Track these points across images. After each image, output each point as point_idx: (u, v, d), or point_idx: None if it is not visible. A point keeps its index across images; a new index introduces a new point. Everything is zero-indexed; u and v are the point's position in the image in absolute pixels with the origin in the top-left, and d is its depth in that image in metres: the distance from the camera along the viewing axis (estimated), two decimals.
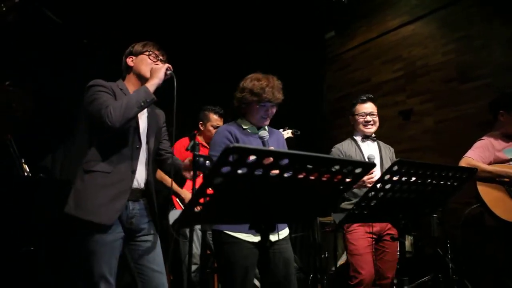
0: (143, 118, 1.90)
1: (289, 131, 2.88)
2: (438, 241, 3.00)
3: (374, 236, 2.43)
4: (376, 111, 2.75)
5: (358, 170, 1.09)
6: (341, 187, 1.15)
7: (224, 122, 3.35)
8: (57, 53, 3.44)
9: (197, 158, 1.39)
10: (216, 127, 3.25)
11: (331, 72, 5.71)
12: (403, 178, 1.34)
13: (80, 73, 3.89)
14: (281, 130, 2.73)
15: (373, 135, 2.77)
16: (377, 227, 2.43)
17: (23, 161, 2.13)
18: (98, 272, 1.66)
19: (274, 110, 2.14)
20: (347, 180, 1.12)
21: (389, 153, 2.79)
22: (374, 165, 1.06)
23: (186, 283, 2.86)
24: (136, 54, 1.95)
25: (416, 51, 4.71)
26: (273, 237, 1.99)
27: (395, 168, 1.26)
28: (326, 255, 3.71)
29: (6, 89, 2.69)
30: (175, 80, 1.82)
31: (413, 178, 1.36)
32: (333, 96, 5.63)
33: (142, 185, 1.84)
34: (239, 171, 0.88)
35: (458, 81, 4.26)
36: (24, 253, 2.26)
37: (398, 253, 3.18)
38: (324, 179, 1.07)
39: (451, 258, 3.13)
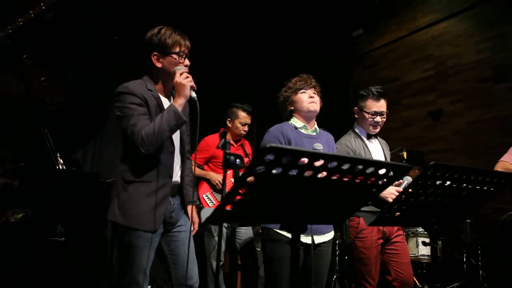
0: None
1: None
2: (470, 247, 2.90)
3: (382, 241, 2.32)
4: (386, 108, 2.48)
5: (391, 173, 1.07)
6: (374, 189, 1.13)
7: (252, 120, 3.36)
8: (90, 49, 3.54)
9: (228, 157, 1.40)
10: (244, 124, 3.25)
11: (358, 71, 5.63)
12: (438, 182, 1.30)
13: (111, 69, 4.00)
14: None
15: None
16: (385, 229, 2.31)
17: (58, 154, 2.20)
18: (138, 265, 1.71)
19: (318, 98, 2.17)
20: (380, 182, 1.10)
21: (387, 151, 2.60)
22: (410, 168, 1.04)
23: (213, 279, 2.90)
24: (164, 53, 1.79)
25: (447, 50, 4.57)
26: (320, 239, 2.02)
27: (430, 171, 1.23)
28: None
29: (41, 85, 2.78)
30: (198, 105, 1.74)
31: (448, 182, 1.32)
32: None
33: (178, 180, 1.88)
34: (274, 171, 0.88)
35: (492, 81, 4.11)
36: (54, 243, 2.34)
37: (428, 257, 3.13)
38: (358, 181, 1.06)
39: (482, 265, 3.03)
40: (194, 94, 1.72)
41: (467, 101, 4.30)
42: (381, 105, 2.44)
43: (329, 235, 2.09)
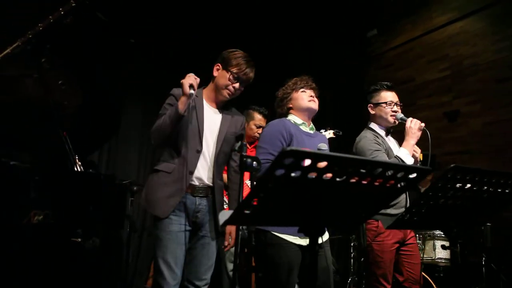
0: (215, 123, 2.02)
1: (331, 131, 2.82)
2: (490, 251, 2.84)
3: (398, 245, 2.27)
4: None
5: (412, 176, 1.06)
6: (393, 192, 1.12)
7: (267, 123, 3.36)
8: (105, 52, 3.59)
9: (245, 159, 1.40)
10: (259, 127, 3.26)
11: (372, 71, 5.57)
12: (457, 185, 1.28)
13: (125, 72, 4.05)
14: (322, 130, 2.68)
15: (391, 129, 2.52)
16: (401, 233, 2.28)
17: (76, 157, 2.25)
18: (163, 258, 1.83)
19: (317, 100, 2.18)
20: (399, 185, 1.09)
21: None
22: (430, 170, 1.02)
23: (227, 280, 2.90)
24: (223, 66, 2.02)
25: (464, 50, 4.50)
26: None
27: (450, 174, 1.21)
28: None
29: (59, 88, 2.83)
30: (193, 96, 1.87)
31: (468, 185, 1.30)
32: None
33: (208, 183, 1.99)
34: (293, 174, 0.88)
35: (510, 81, 4.02)
36: (71, 243, 2.38)
37: (445, 261, 3.07)
38: (377, 184, 1.05)
39: (502, 269, 2.96)
40: (192, 91, 1.83)
41: (484, 102, 4.22)
42: (395, 95, 2.46)
43: (325, 236, 2.05)
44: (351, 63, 5.49)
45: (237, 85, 2.02)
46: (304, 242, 1.92)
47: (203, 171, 1.96)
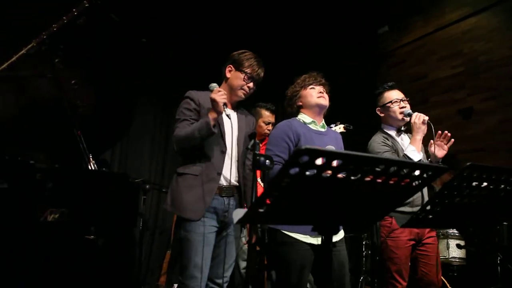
0: (233, 123, 2.05)
1: (341, 126, 2.80)
2: (506, 250, 2.79)
3: (413, 243, 2.25)
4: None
5: (427, 174, 1.05)
6: (409, 191, 1.11)
7: (276, 119, 3.36)
8: (117, 52, 3.62)
9: (258, 157, 1.40)
10: (268, 123, 3.25)
11: (384, 68, 5.51)
12: (474, 183, 1.26)
13: (137, 72, 4.08)
14: (332, 125, 2.67)
15: (404, 127, 2.49)
16: (417, 230, 2.25)
17: (90, 156, 2.27)
18: (193, 259, 1.85)
19: (327, 96, 2.18)
20: (414, 184, 1.08)
21: None
22: (446, 169, 1.01)
23: (239, 278, 2.91)
24: (236, 67, 2.07)
25: (478, 46, 4.42)
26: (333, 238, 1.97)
27: (466, 172, 1.19)
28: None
29: (72, 88, 2.86)
30: (231, 119, 1.96)
31: (485, 183, 1.28)
32: None
33: (234, 182, 2.03)
34: (308, 173, 0.88)
35: None
36: (85, 241, 2.40)
37: (459, 260, 3.02)
38: (391, 182, 1.04)
39: None
40: (228, 112, 1.89)
41: (500, 99, 4.15)
42: (399, 92, 2.46)
43: (340, 234, 2.00)
44: (363, 60, 5.44)
45: (251, 84, 2.07)
46: (315, 240, 1.91)
47: (229, 171, 2.00)
